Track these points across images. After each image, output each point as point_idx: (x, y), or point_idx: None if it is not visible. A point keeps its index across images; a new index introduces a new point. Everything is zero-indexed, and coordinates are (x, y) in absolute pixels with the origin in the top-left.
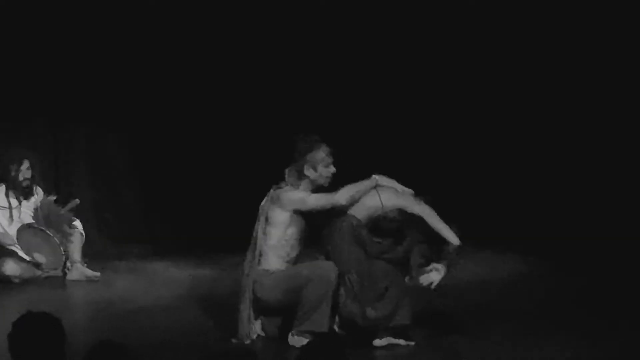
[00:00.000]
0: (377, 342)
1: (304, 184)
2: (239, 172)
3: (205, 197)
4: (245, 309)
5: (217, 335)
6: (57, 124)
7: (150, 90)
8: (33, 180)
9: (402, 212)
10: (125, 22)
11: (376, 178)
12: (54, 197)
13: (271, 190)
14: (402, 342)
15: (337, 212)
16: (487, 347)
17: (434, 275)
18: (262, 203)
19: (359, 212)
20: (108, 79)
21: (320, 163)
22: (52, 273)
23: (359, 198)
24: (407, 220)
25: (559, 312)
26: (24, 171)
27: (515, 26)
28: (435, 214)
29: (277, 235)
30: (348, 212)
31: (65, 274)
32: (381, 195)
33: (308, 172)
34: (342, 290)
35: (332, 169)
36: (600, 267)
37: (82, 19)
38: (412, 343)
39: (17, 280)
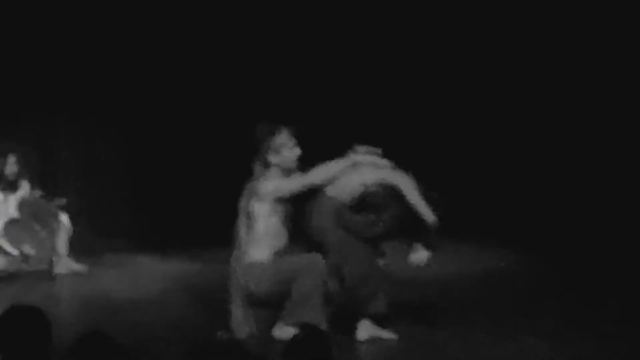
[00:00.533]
0: (361, 336)
1: (272, 171)
2: (226, 167)
3: (192, 191)
4: (238, 307)
5: (204, 329)
6: (44, 119)
7: (139, 84)
8: (19, 174)
9: (383, 185)
10: (112, 20)
11: (353, 157)
12: (40, 193)
13: (246, 187)
14: (384, 334)
15: (316, 193)
16: (471, 341)
17: (421, 254)
18: (240, 201)
19: (340, 192)
20: (96, 73)
21: (283, 147)
22: (38, 267)
23: (336, 175)
24: (388, 195)
25: (543, 306)
26: (10, 165)
27: (517, 26)
28: (415, 188)
29: (261, 228)
30: (329, 195)
31: (51, 267)
32: (361, 173)
33: (273, 158)
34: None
35: (297, 151)
36: (586, 262)
37: (72, 16)
38: (395, 337)
39: (3, 274)
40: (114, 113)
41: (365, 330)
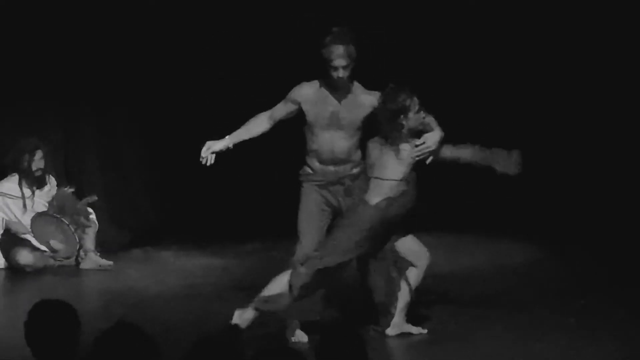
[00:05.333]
0: (390, 331)
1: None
2: (250, 162)
3: (216, 186)
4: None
5: (228, 324)
6: (67, 113)
7: (161, 78)
8: (46, 170)
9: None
10: (136, 6)
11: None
12: (72, 189)
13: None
14: (414, 330)
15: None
16: (500, 336)
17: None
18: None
19: (382, 194)
20: (119, 67)
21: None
22: (65, 262)
23: None
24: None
25: (570, 302)
26: (37, 161)
27: (517, 22)
28: None
29: None
30: (372, 203)
31: (78, 263)
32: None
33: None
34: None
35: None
36: (613, 257)
37: (95, 8)
38: (425, 332)
39: (30, 270)
40: (138, 108)
41: (394, 325)
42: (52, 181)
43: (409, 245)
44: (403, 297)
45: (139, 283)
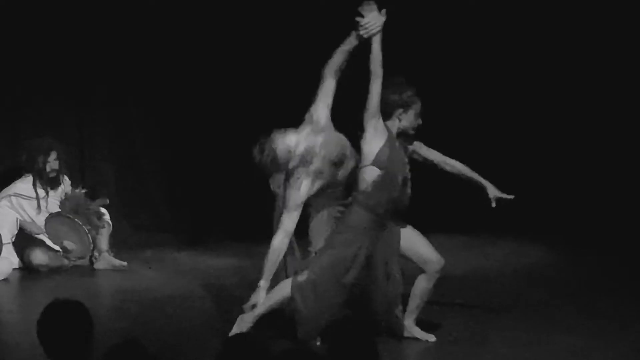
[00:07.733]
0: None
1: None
2: None
3: (230, 187)
4: None
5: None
6: (82, 114)
7: (177, 76)
8: (60, 170)
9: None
10: (154, 6)
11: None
12: (84, 191)
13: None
14: (423, 336)
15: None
16: (511, 337)
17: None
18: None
19: (360, 187)
20: (134, 66)
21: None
22: (79, 262)
23: None
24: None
25: (583, 303)
26: (52, 162)
27: (521, 21)
28: None
29: None
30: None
31: (92, 263)
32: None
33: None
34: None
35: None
36: (631, 258)
37: (113, 12)
38: (433, 339)
39: (44, 269)
40: (154, 108)
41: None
42: (66, 182)
43: (417, 250)
44: (413, 300)
45: (152, 283)
